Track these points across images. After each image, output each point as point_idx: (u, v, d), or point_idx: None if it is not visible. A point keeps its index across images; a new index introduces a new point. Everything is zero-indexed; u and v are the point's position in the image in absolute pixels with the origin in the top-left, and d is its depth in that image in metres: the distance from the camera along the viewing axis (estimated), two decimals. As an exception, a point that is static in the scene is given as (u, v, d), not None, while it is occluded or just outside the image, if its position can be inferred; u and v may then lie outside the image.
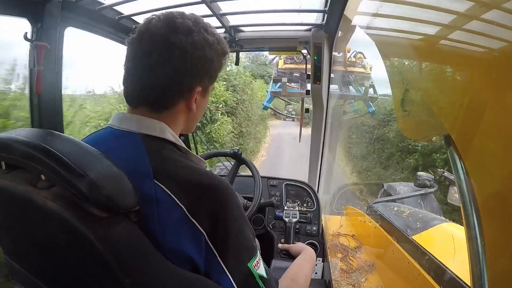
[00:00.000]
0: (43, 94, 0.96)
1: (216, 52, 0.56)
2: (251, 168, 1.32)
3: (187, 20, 0.53)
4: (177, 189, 0.47)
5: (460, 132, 0.37)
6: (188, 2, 1.16)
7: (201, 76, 0.55)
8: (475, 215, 0.34)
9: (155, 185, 0.47)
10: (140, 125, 0.53)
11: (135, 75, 0.54)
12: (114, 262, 0.40)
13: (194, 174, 0.50)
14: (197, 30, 0.53)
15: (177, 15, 0.53)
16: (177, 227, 0.47)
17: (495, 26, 0.32)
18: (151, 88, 0.53)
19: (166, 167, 0.49)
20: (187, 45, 0.51)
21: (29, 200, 0.43)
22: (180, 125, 0.58)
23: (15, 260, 0.56)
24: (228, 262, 0.49)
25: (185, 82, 0.54)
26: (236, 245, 0.50)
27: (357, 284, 1.07)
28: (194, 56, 0.52)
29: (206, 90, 0.59)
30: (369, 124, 5.95)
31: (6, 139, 0.46)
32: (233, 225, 0.50)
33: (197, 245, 0.47)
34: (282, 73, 5.13)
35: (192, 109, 0.56)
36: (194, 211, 0.47)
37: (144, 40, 0.52)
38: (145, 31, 0.53)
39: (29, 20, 0.92)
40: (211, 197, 0.49)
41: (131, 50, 0.54)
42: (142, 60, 0.53)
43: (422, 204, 2.43)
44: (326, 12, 1.20)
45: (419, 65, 0.50)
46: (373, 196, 3.30)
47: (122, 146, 0.51)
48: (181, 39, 0.51)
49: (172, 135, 0.55)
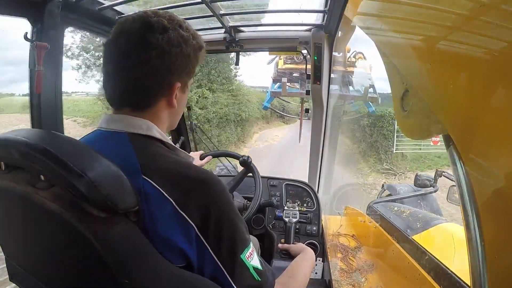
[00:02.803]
0: (43, 94, 0.96)
1: (193, 47, 0.56)
2: (255, 174, 1.31)
3: (162, 18, 0.53)
4: (166, 183, 0.48)
5: (460, 132, 0.37)
6: (188, 2, 1.17)
7: (179, 72, 0.56)
8: (475, 215, 0.34)
9: (143, 180, 0.47)
10: (127, 125, 0.54)
11: (115, 77, 0.55)
12: (113, 262, 0.40)
13: (182, 168, 0.51)
14: (172, 28, 0.53)
15: (151, 14, 0.54)
16: (168, 221, 0.47)
17: (495, 26, 0.32)
18: (132, 88, 0.54)
19: (153, 162, 0.50)
20: (163, 43, 0.52)
21: (28, 200, 0.43)
22: (164, 121, 0.59)
23: (14, 260, 0.56)
24: (220, 254, 0.49)
25: (165, 80, 0.55)
26: (228, 238, 0.51)
27: (357, 284, 1.07)
28: (171, 53, 0.53)
29: (185, 85, 0.60)
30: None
31: (6, 139, 0.46)
32: (224, 218, 0.51)
33: (188, 238, 0.48)
34: (282, 73, 5.13)
35: (173, 105, 0.57)
36: (183, 204, 0.47)
37: (120, 41, 0.53)
38: (120, 32, 0.54)
39: (29, 20, 0.92)
40: (200, 190, 0.49)
41: (108, 52, 0.55)
42: (120, 62, 0.53)
43: (422, 204, 2.43)
44: (326, 12, 1.20)
45: (419, 65, 0.50)
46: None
47: (110, 146, 0.52)
48: (157, 38, 0.52)
49: (158, 132, 0.56)
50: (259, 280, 0.53)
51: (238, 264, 0.51)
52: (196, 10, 1.31)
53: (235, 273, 0.50)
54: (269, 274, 0.57)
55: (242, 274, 0.51)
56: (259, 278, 0.53)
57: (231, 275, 0.50)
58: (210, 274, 0.49)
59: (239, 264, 0.51)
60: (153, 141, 0.55)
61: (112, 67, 0.54)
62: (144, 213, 0.46)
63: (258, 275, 0.53)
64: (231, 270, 0.50)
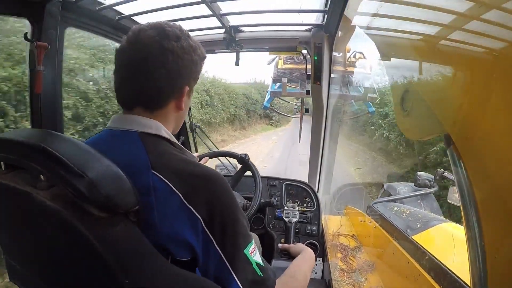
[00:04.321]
0: (43, 94, 0.96)
1: (199, 56, 0.62)
2: (253, 171, 1.31)
3: (174, 28, 0.59)
4: (174, 178, 0.50)
5: (460, 132, 0.37)
6: (188, 2, 1.16)
7: (189, 78, 0.61)
8: (475, 215, 0.34)
9: (152, 175, 0.50)
10: (137, 124, 0.57)
11: (132, 81, 0.58)
12: (113, 262, 0.40)
13: (188, 165, 0.54)
14: (183, 37, 0.59)
15: (164, 24, 0.59)
16: (175, 214, 0.49)
17: (495, 26, 0.32)
18: (148, 90, 0.57)
19: (162, 159, 0.53)
20: (178, 49, 0.57)
21: (28, 200, 0.43)
22: (171, 123, 0.63)
23: (14, 260, 0.56)
24: (225, 248, 0.51)
25: (177, 83, 0.59)
26: (232, 233, 0.53)
27: (357, 284, 1.07)
28: (184, 59, 0.58)
29: (191, 90, 0.64)
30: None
31: (6, 139, 0.46)
32: (229, 214, 0.53)
33: (195, 230, 0.50)
34: (282, 73, 5.13)
35: (181, 108, 0.62)
36: (190, 199, 0.50)
37: (138, 47, 0.57)
38: (137, 39, 0.57)
39: (29, 20, 0.92)
40: (206, 186, 0.52)
41: (123, 58, 0.58)
42: (138, 66, 0.56)
43: (422, 204, 2.43)
44: (326, 12, 1.20)
45: (419, 65, 0.50)
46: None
47: (121, 144, 0.55)
48: (173, 45, 0.56)
49: (166, 132, 0.59)
50: (262, 275, 0.55)
51: (242, 259, 0.53)
52: (196, 10, 1.31)
53: (238, 267, 0.52)
54: (270, 272, 0.58)
55: (245, 268, 0.53)
56: (262, 274, 0.55)
57: (234, 269, 0.51)
58: (214, 268, 0.51)
59: (242, 258, 0.53)
60: (162, 141, 0.58)
61: (127, 71, 0.58)
62: (152, 206, 0.48)
63: (260, 271, 0.55)
64: (234, 265, 0.52)
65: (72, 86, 3.58)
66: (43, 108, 0.97)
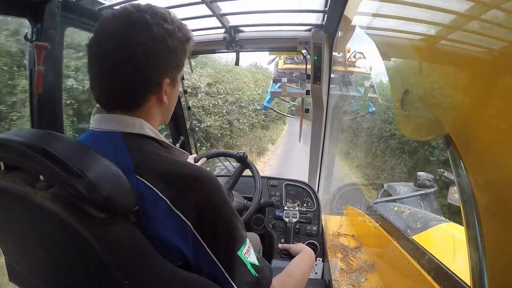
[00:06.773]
0: (43, 94, 0.96)
1: (179, 40, 0.54)
2: (253, 170, 1.31)
3: (144, 13, 0.52)
4: (159, 183, 0.47)
5: (460, 132, 0.37)
6: (188, 2, 1.16)
7: (166, 68, 0.54)
8: (475, 215, 0.34)
9: (137, 180, 0.47)
10: (119, 124, 0.53)
11: (101, 78, 0.53)
12: (113, 263, 0.40)
13: (176, 166, 0.50)
14: (155, 23, 0.51)
15: (132, 9, 0.52)
16: (163, 220, 0.47)
17: (495, 26, 0.32)
18: (119, 89, 0.53)
19: (147, 162, 0.49)
20: (147, 40, 0.50)
21: (27, 201, 0.43)
22: (156, 118, 0.58)
23: (14, 261, 0.56)
24: (217, 251, 0.49)
25: (152, 78, 0.53)
26: (224, 235, 0.50)
27: (357, 284, 1.07)
28: (156, 50, 0.51)
29: (174, 80, 0.58)
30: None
31: (5, 139, 0.46)
32: (220, 215, 0.50)
33: (184, 236, 0.47)
34: (282, 73, 5.12)
35: (163, 101, 0.56)
36: (178, 203, 0.47)
37: (103, 41, 0.52)
38: (103, 32, 0.52)
39: (29, 20, 0.92)
40: (194, 188, 0.49)
41: (92, 53, 0.53)
42: (105, 62, 0.52)
43: (422, 204, 2.43)
44: (326, 12, 1.20)
45: (419, 65, 0.50)
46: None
47: (103, 146, 0.51)
48: (141, 36, 0.50)
49: (151, 130, 0.55)
50: (257, 276, 0.53)
51: (235, 261, 0.51)
52: (196, 10, 1.31)
53: (232, 270, 0.50)
54: (266, 270, 0.57)
55: (239, 270, 0.51)
56: (257, 274, 0.53)
57: (228, 272, 0.50)
58: (207, 272, 0.49)
59: (236, 260, 0.51)
60: (147, 140, 0.54)
61: (97, 68, 0.53)
62: (139, 213, 0.46)
63: (255, 271, 0.53)
64: (228, 267, 0.50)
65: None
66: (43, 108, 0.97)
